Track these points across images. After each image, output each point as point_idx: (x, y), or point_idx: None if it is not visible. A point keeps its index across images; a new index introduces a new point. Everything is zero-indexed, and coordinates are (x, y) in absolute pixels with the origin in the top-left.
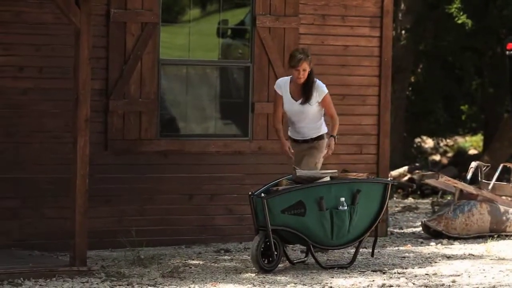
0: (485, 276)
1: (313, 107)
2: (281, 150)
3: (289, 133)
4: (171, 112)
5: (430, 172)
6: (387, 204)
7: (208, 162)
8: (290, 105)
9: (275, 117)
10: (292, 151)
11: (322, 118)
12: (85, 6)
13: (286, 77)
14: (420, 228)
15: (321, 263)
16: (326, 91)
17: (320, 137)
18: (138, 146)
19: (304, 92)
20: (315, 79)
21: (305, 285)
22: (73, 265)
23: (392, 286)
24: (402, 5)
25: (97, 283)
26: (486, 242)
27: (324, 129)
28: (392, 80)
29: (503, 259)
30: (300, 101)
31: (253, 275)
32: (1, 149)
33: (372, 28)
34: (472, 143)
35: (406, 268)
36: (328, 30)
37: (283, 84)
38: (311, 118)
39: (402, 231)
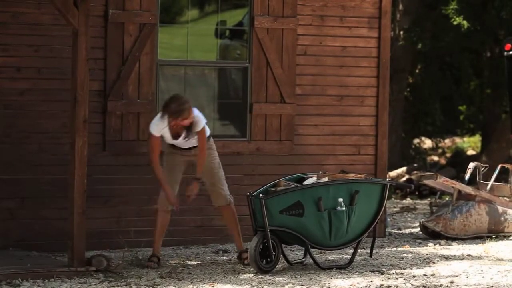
0: (483, 277)
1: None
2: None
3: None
4: None
5: (428, 173)
6: (385, 204)
7: None
8: (170, 141)
9: (155, 159)
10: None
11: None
12: (83, 7)
13: (158, 120)
14: (418, 229)
15: (319, 263)
16: (203, 124)
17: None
18: (136, 147)
19: (186, 130)
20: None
21: (303, 285)
22: (71, 266)
23: (390, 286)
24: (400, 6)
25: (95, 284)
26: (484, 243)
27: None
28: (390, 81)
29: (501, 259)
30: (182, 136)
31: (251, 275)
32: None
33: (370, 29)
34: (470, 144)
35: (404, 269)
36: (326, 31)
37: (159, 129)
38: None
39: (400, 231)
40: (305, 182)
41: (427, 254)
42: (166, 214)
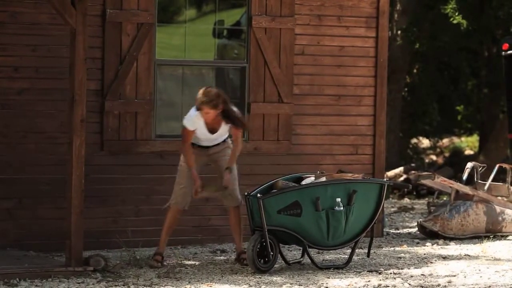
0: (481, 277)
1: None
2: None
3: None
4: (167, 113)
5: (426, 173)
6: (383, 204)
7: None
8: (205, 135)
9: (188, 147)
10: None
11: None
12: (81, 6)
13: (194, 112)
14: (416, 229)
15: (317, 263)
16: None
17: (227, 136)
18: (134, 146)
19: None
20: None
21: (301, 285)
22: (69, 266)
23: (388, 286)
24: (398, 6)
25: (93, 284)
26: (482, 243)
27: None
28: (387, 80)
29: (499, 259)
30: (217, 133)
31: (249, 275)
32: None
33: (368, 28)
34: (468, 144)
35: (402, 269)
36: (324, 31)
37: (195, 121)
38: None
39: (398, 231)
40: (303, 182)
41: (424, 254)
42: (178, 213)
